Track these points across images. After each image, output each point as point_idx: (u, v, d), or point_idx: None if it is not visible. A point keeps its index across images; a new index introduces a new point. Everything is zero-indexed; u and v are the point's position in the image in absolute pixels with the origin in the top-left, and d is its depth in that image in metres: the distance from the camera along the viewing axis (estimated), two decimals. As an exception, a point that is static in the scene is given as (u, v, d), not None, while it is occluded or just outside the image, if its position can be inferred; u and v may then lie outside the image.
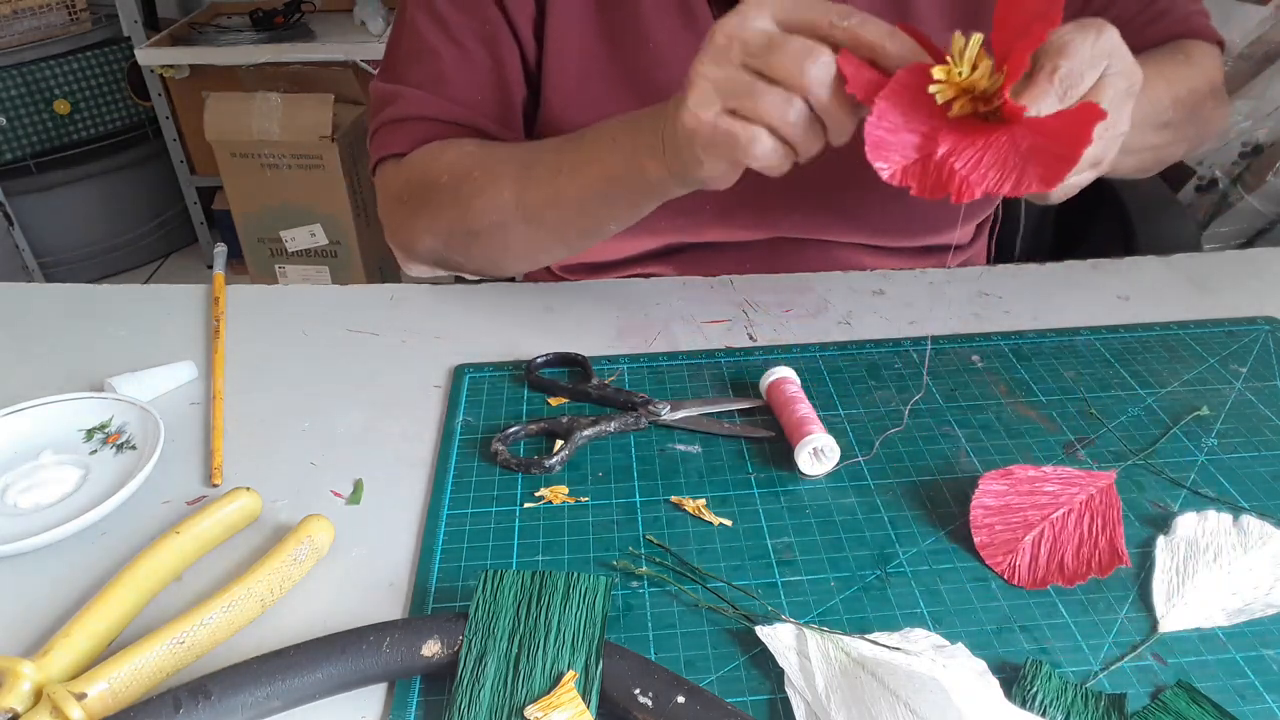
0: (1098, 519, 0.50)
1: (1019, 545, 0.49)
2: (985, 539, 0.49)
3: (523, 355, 0.66)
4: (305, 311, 0.72)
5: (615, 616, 0.46)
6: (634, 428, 0.58)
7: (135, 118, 2.32)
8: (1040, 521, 0.50)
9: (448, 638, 0.42)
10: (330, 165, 1.95)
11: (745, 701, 0.41)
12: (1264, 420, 0.58)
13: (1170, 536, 0.49)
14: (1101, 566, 0.47)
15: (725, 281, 0.75)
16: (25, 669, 0.40)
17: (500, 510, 0.52)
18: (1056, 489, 0.51)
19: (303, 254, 2.09)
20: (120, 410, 0.59)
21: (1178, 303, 0.71)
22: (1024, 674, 0.42)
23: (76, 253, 2.33)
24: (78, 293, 0.76)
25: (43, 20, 2.14)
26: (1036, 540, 0.49)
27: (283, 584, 0.46)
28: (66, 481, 0.54)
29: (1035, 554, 0.48)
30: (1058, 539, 0.49)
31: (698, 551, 0.49)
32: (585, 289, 0.76)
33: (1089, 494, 0.51)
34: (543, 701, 0.39)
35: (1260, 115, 1.37)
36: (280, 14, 2.14)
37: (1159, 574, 0.47)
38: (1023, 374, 0.63)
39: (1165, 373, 0.63)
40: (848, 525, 0.51)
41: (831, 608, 0.46)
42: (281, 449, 0.58)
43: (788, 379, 0.59)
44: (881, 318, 0.70)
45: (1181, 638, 0.44)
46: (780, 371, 0.60)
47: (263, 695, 0.39)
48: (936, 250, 0.80)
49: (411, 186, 0.70)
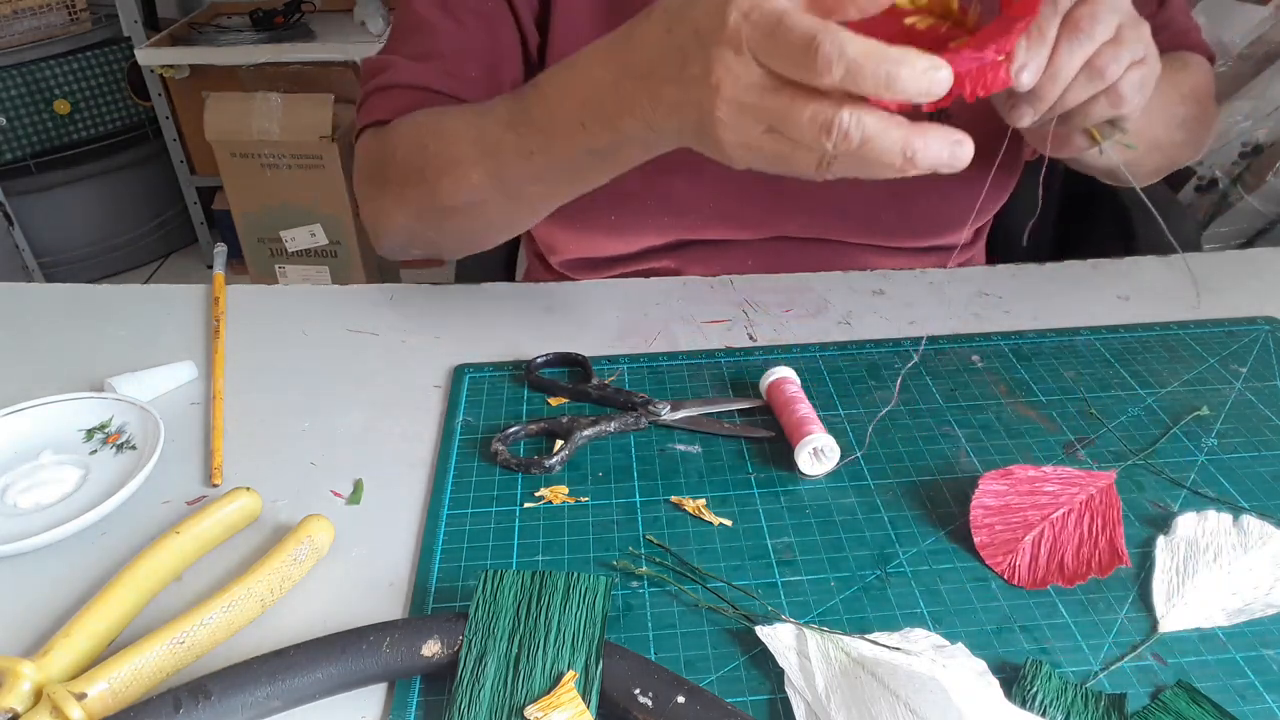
0: (1098, 519, 0.50)
1: (1019, 545, 0.49)
2: (985, 539, 0.49)
3: (523, 355, 0.66)
4: (305, 311, 0.72)
5: (615, 616, 0.46)
6: (634, 428, 0.58)
7: (135, 118, 2.32)
8: (1040, 521, 0.50)
9: (448, 638, 0.42)
10: (330, 165, 1.95)
11: (745, 701, 0.41)
12: (1264, 420, 0.58)
13: (1170, 536, 0.49)
14: (1101, 566, 0.47)
15: (725, 281, 0.75)
16: (25, 669, 0.40)
17: (500, 510, 0.52)
18: (1056, 489, 0.51)
19: (303, 254, 2.09)
20: (120, 410, 0.59)
21: (1178, 303, 0.71)
22: (1024, 674, 0.42)
23: (76, 253, 2.33)
24: (78, 293, 0.76)
25: (43, 20, 2.14)
26: (1036, 540, 0.49)
27: (283, 584, 0.46)
28: (66, 481, 0.54)
29: (1035, 554, 0.48)
30: (1058, 539, 0.49)
31: (698, 551, 0.49)
32: (585, 289, 0.76)
33: (1089, 494, 0.51)
34: (543, 701, 0.39)
35: (1260, 115, 1.37)
36: (280, 14, 2.14)
37: (1159, 574, 0.47)
38: (1023, 374, 0.63)
39: (1165, 373, 0.63)
40: (848, 525, 0.51)
41: (831, 608, 0.46)
42: (281, 449, 0.58)
43: (788, 379, 0.59)
44: (881, 318, 0.70)
45: (1181, 638, 0.44)
46: (780, 371, 0.60)
47: (263, 695, 0.39)
48: (939, 250, 0.81)
49: (376, 163, 0.69)
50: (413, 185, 0.64)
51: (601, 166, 0.56)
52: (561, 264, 0.82)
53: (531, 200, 0.62)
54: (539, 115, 0.55)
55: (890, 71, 0.39)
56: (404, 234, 0.69)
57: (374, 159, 0.69)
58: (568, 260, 0.81)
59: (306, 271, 2.11)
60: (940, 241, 0.79)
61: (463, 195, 0.62)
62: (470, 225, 0.66)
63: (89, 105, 2.22)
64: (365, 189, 0.71)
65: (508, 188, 0.60)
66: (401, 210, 0.67)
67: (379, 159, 0.68)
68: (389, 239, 0.71)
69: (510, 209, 0.63)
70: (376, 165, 0.69)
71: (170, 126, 2.22)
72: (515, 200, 0.61)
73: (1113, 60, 0.51)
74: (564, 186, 0.59)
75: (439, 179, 0.62)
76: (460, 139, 0.61)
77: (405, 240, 0.70)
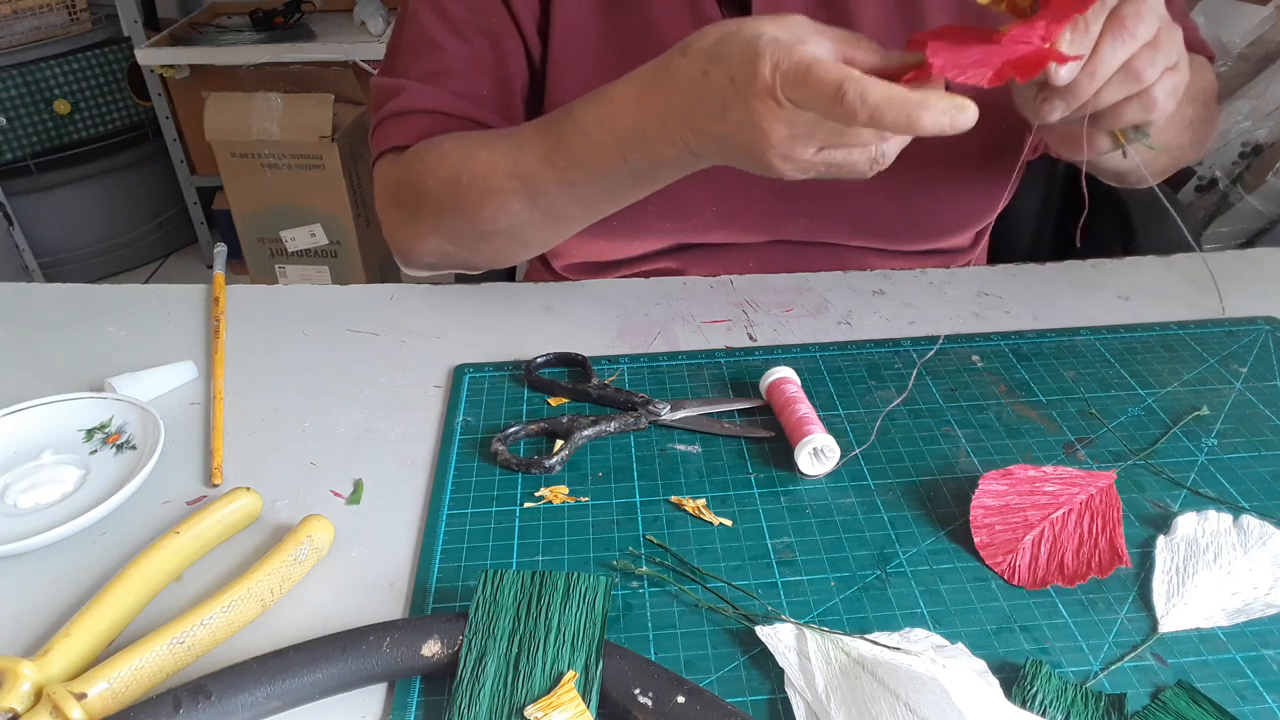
0: (1098, 519, 0.50)
1: (1019, 545, 0.49)
2: (985, 539, 0.49)
3: (523, 355, 0.66)
4: (305, 311, 0.72)
5: (615, 616, 0.46)
6: (634, 428, 0.58)
7: (135, 118, 2.32)
8: (1040, 521, 0.50)
9: (448, 638, 0.42)
10: (330, 165, 1.95)
11: (745, 701, 0.41)
12: (1264, 420, 0.58)
13: (1170, 536, 0.49)
14: (1101, 566, 0.47)
15: (725, 281, 0.75)
16: (25, 669, 0.40)
17: (500, 510, 0.52)
18: (1056, 489, 0.51)
19: (303, 254, 2.09)
20: (120, 410, 0.59)
21: (1178, 303, 0.71)
22: (1024, 674, 0.42)
23: (76, 253, 2.33)
24: (78, 293, 0.76)
25: (43, 20, 2.14)
26: (1036, 540, 0.49)
27: (283, 584, 0.46)
28: (66, 481, 0.54)
29: (1035, 554, 0.48)
30: (1058, 539, 0.49)
31: (698, 551, 0.49)
32: (585, 289, 0.76)
33: (1089, 494, 0.51)
34: (543, 701, 0.39)
35: (1260, 115, 1.37)
36: (280, 14, 2.14)
37: (1159, 574, 0.47)
38: (1023, 374, 0.63)
39: (1165, 373, 0.63)
40: (848, 525, 0.51)
41: (831, 608, 0.46)
42: (281, 449, 0.58)
43: (788, 379, 0.59)
44: (882, 318, 0.70)
45: (1181, 638, 0.44)
46: (780, 371, 0.60)
47: (263, 695, 0.39)
48: (941, 254, 0.81)
49: (404, 189, 0.69)
50: (450, 214, 0.66)
51: (648, 185, 0.59)
52: (564, 268, 0.82)
53: (574, 220, 0.65)
54: (579, 150, 0.57)
55: (911, 115, 0.43)
56: (435, 255, 0.71)
57: (399, 185, 0.70)
58: (570, 264, 0.82)
59: (306, 271, 2.11)
60: (942, 244, 0.79)
61: (503, 222, 0.64)
62: (508, 245, 0.68)
63: (89, 105, 2.22)
64: (393, 213, 0.71)
65: (550, 213, 0.63)
66: (436, 235, 0.68)
67: (406, 185, 0.69)
68: (419, 259, 0.72)
69: (550, 229, 0.66)
70: (404, 191, 0.69)
71: (170, 126, 2.22)
72: (557, 222, 0.64)
73: (1150, 64, 0.50)
74: (607, 205, 0.63)
75: (478, 210, 0.64)
76: (495, 171, 0.62)
77: (436, 260, 0.71)
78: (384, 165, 0.72)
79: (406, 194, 0.69)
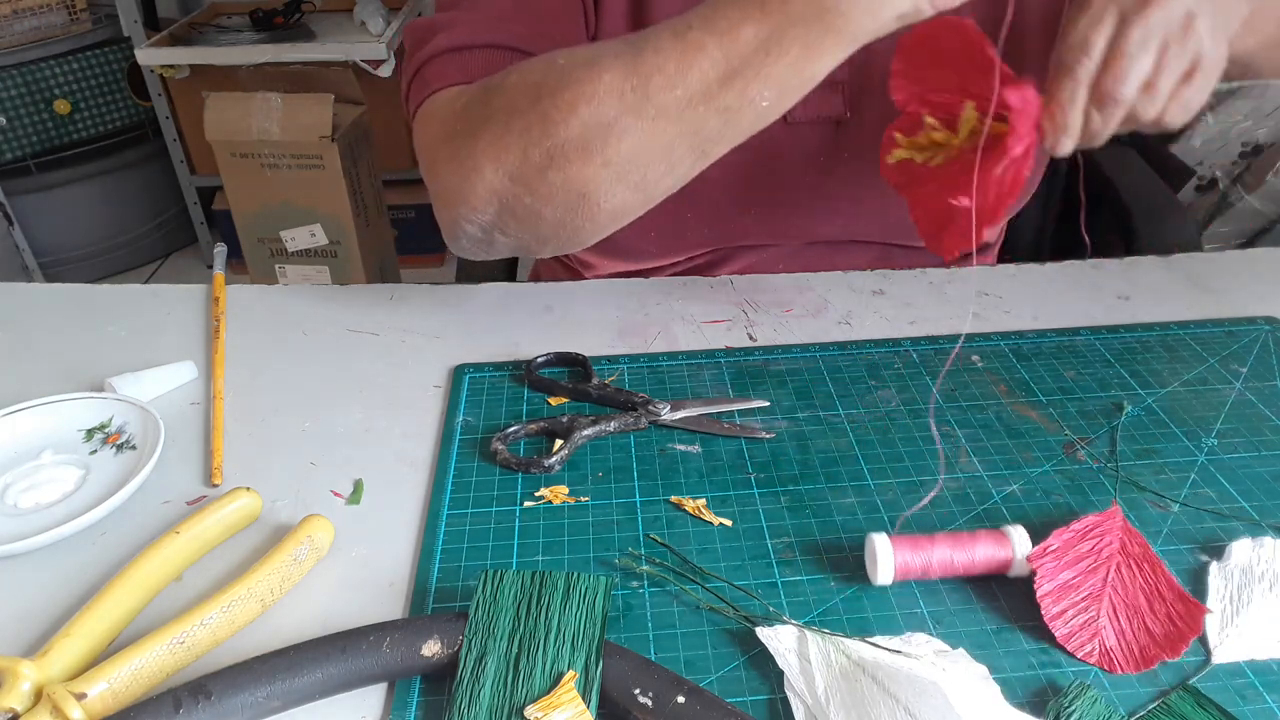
0: (1145, 565, 0.46)
1: (1098, 625, 0.44)
2: (1064, 630, 0.44)
3: (523, 355, 0.66)
4: (305, 311, 0.72)
5: (615, 616, 0.46)
6: (634, 428, 0.58)
7: (135, 118, 2.32)
8: (1102, 590, 0.45)
9: (448, 638, 0.42)
10: (330, 165, 1.95)
11: (745, 702, 0.41)
12: (1264, 420, 0.58)
13: (1224, 563, 0.47)
14: (1189, 622, 0.43)
15: (725, 281, 0.75)
16: (25, 669, 0.40)
17: (500, 510, 0.52)
18: (1092, 544, 0.47)
19: (303, 254, 2.08)
20: (120, 410, 0.59)
21: (1178, 303, 0.71)
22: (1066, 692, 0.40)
23: (76, 253, 2.33)
24: (78, 293, 0.76)
25: (43, 20, 2.14)
26: (1111, 613, 0.44)
27: (283, 584, 0.46)
28: (66, 481, 0.54)
29: (1119, 629, 0.44)
30: (1128, 603, 0.45)
31: (698, 551, 0.49)
32: (585, 289, 0.76)
33: (1119, 539, 0.48)
34: (543, 701, 0.39)
35: (1260, 115, 1.37)
36: (280, 14, 2.14)
37: (1212, 602, 0.45)
38: (1023, 374, 0.63)
39: (1165, 373, 0.63)
40: (848, 525, 0.51)
41: (831, 608, 0.46)
42: (281, 449, 0.58)
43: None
44: (882, 317, 0.70)
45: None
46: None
47: (263, 695, 0.39)
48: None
49: (469, 113, 0.56)
50: (521, 114, 0.52)
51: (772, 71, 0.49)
52: (596, 276, 0.81)
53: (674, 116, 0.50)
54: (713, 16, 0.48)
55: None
56: (494, 204, 0.55)
57: (461, 113, 0.57)
58: (603, 275, 0.80)
59: (306, 271, 2.11)
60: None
61: (585, 111, 0.50)
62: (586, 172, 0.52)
63: (89, 105, 2.22)
64: (442, 150, 0.57)
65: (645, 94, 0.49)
66: (496, 160, 0.53)
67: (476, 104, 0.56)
68: (470, 213, 0.57)
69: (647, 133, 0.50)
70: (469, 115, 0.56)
71: (170, 126, 2.22)
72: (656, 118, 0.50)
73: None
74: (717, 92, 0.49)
75: (560, 92, 0.51)
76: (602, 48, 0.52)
77: (494, 215, 0.56)
78: (437, 101, 0.59)
79: (468, 118, 0.56)
